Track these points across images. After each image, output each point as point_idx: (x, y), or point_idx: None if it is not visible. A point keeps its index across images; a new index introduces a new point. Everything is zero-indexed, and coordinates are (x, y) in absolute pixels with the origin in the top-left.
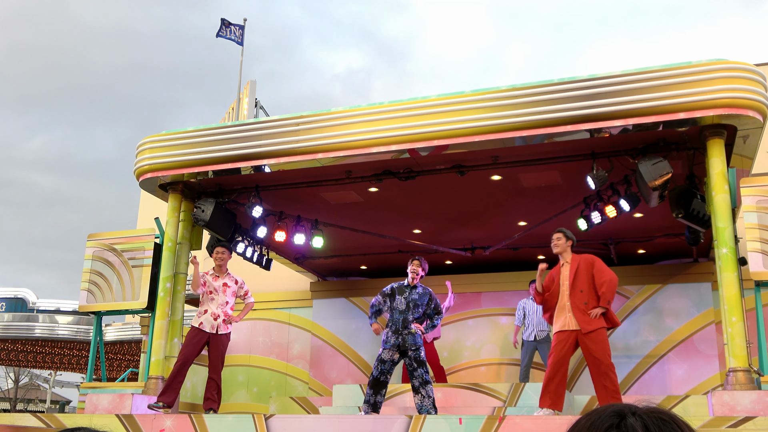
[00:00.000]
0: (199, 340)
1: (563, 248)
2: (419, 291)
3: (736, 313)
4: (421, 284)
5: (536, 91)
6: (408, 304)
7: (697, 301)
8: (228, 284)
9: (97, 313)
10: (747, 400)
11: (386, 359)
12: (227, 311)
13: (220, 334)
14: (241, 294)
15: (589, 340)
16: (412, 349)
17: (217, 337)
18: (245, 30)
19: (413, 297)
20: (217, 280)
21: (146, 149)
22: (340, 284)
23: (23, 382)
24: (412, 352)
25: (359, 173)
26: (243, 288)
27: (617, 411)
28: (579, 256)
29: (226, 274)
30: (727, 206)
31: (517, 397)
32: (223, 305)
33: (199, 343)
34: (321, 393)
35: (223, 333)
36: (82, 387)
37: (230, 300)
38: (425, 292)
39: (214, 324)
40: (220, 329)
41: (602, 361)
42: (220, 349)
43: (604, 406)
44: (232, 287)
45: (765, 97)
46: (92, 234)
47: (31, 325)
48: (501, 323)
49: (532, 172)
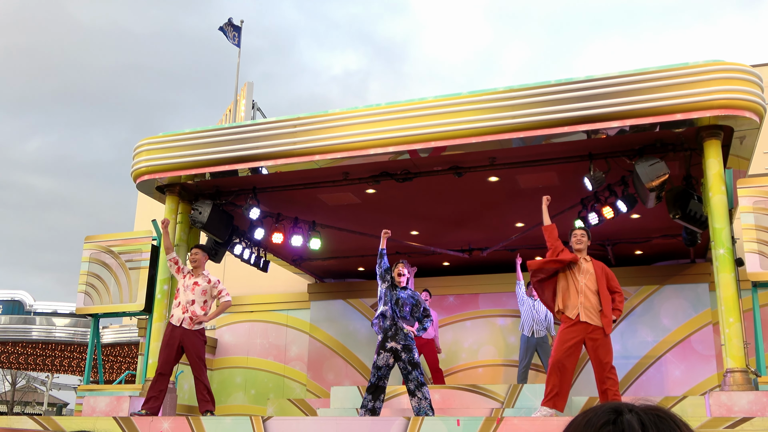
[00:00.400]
0: (171, 340)
1: (585, 246)
2: (408, 292)
3: (733, 313)
4: (409, 288)
5: (533, 92)
6: (397, 300)
7: (694, 302)
8: (198, 283)
9: (95, 316)
10: (744, 400)
11: (382, 365)
12: (195, 310)
13: (189, 331)
14: (215, 294)
15: (602, 343)
16: (404, 348)
17: (186, 334)
18: (242, 31)
19: (402, 295)
20: (191, 278)
21: (143, 151)
22: (338, 286)
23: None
24: (405, 354)
25: (356, 175)
26: (216, 287)
27: (614, 408)
28: (596, 261)
29: (201, 274)
30: (724, 207)
31: (515, 399)
32: (190, 303)
33: (172, 344)
34: (319, 395)
35: (192, 329)
36: (80, 389)
37: (197, 299)
38: (412, 295)
39: (181, 317)
40: (185, 323)
41: (609, 363)
42: (193, 348)
43: (600, 403)
44: (203, 286)
45: (761, 98)
46: (89, 236)
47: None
48: (499, 324)
49: (530, 174)
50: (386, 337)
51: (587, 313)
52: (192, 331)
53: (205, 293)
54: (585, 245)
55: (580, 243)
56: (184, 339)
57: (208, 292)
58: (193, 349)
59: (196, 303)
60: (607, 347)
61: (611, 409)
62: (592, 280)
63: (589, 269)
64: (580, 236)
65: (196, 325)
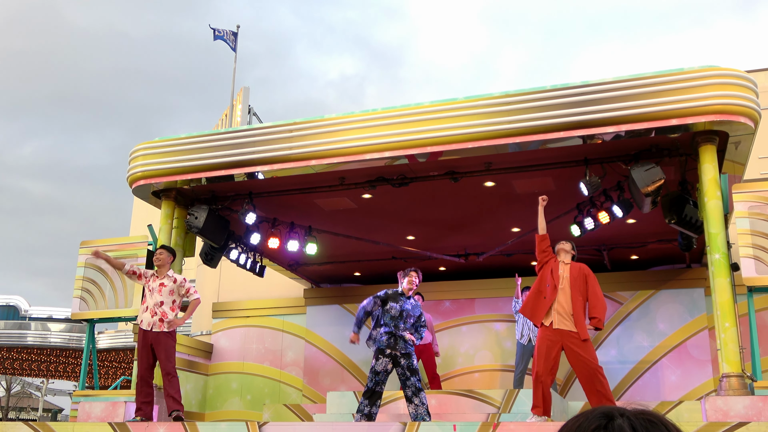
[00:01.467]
0: (144, 345)
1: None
2: (412, 302)
3: (729, 318)
4: (413, 297)
5: (529, 97)
6: (401, 312)
7: (690, 307)
8: (165, 284)
9: (90, 321)
10: (740, 405)
11: (380, 370)
12: (165, 311)
13: (158, 333)
14: (182, 293)
15: (581, 347)
16: (404, 354)
17: (156, 336)
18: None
19: (406, 307)
20: (156, 280)
21: (139, 156)
22: (334, 291)
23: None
24: (404, 360)
25: (353, 180)
26: (184, 286)
27: (605, 412)
28: (575, 264)
29: (166, 275)
30: (720, 212)
31: (511, 404)
32: (158, 305)
33: (144, 348)
34: (315, 400)
35: (161, 331)
36: (75, 395)
37: (166, 299)
38: (417, 304)
39: (150, 321)
40: (155, 327)
41: (593, 365)
42: (163, 348)
43: (592, 408)
44: (169, 286)
45: (756, 103)
46: (85, 241)
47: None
48: (495, 329)
49: (526, 179)
50: (387, 344)
51: (561, 319)
52: (162, 332)
53: (172, 293)
54: (570, 256)
55: (567, 256)
56: (154, 341)
57: (175, 291)
58: (161, 349)
59: (165, 304)
60: (587, 350)
61: (602, 413)
62: (566, 284)
63: (565, 274)
64: (569, 249)
65: (167, 326)
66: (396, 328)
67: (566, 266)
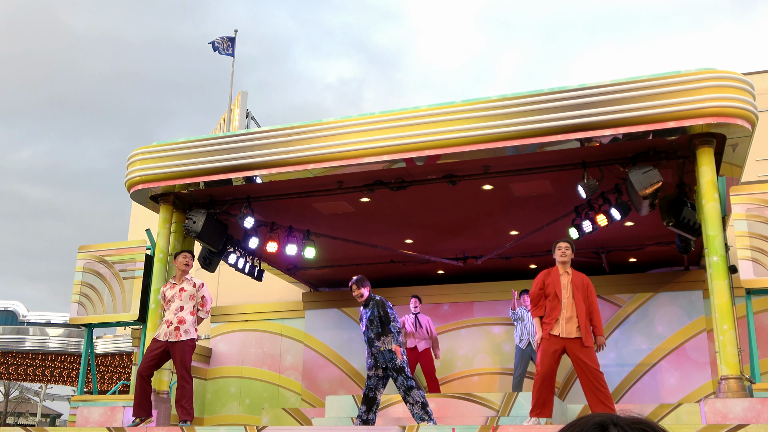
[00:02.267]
0: (153, 349)
1: (569, 258)
2: (370, 307)
3: (727, 320)
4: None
5: (527, 100)
6: (361, 319)
7: (688, 309)
8: (185, 288)
9: (88, 326)
10: (739, 407)
11: (371, 375)
12: (183, 317)
13: (176, 342)
14: (198, 300)
15: (584, 353)
16: (380, 354)
17: (173, 345)
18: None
19: (367, 315)
20: (175, 287)
21: (137, 161)
22: (333, 295)
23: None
24: (383, 361)
25: (351, 183)
26: (200, 292)
27: (599, 422)
28: (577, 272)
29: (185, 279)
30: (718, 214)
31: (510, 407)
32: (178, 310)
33: (153, 352)
34: (314, 404)
35: (178, 341)
36: (73, 400)
37: (186, 304)
38: (373, 304)
39: (167, 331)
40: (171, 337)
41: (595, 370)
42: (178, 356)
43: (586, 416)
44: (189, 290)
45: (753, 105)
46: (83, 246)
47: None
48: (494, 332)
49: (523, 182)
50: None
51: (566, 328)
52: (179, 342)
53: (193, 297)
54: (569, 258)
55: (564, 256)
56: (170, 348)
57: (195, 296)
58: (177, 356)
59: (185, 309)
60: (589, 355)
61: (597, 423)
62: (570, 293)
63: (568, 284)
64: (564, 249)
65: (184, 334)
66: (371, 343)
67: (568, 276)
